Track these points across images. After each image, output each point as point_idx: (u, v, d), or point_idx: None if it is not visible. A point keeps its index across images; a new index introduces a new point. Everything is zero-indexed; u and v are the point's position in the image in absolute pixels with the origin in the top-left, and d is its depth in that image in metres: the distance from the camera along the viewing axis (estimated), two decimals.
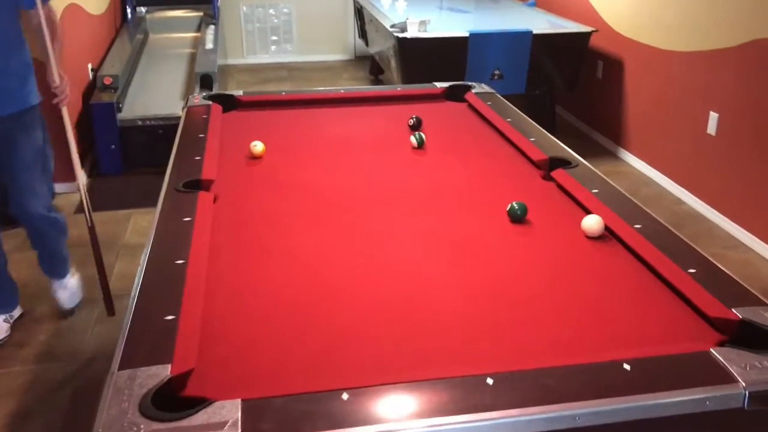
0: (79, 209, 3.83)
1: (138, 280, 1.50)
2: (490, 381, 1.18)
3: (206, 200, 1.92)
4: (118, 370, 1.21)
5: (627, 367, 1.22)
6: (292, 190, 2.06)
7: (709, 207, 3.79)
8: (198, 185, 2.03)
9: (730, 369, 1.20)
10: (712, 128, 3.72)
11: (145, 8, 6.00)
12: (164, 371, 1.19)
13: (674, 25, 4.02)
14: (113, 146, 4.25)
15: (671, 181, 4.13)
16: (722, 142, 3.66)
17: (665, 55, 4.12)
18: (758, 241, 3.42)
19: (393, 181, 2.13)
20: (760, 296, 1.43)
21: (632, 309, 1.46)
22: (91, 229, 2.87)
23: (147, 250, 1.64)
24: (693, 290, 1.47)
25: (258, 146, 2.31)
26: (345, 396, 1.14)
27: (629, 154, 4.60)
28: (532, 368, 1.21)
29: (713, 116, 3.70)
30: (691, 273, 1.52)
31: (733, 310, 1.37)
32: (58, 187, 3.99)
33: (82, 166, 4.22)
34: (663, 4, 4.11)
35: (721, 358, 1.23)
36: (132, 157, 4.31)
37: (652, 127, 4.34)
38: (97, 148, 4.27)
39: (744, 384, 1.17)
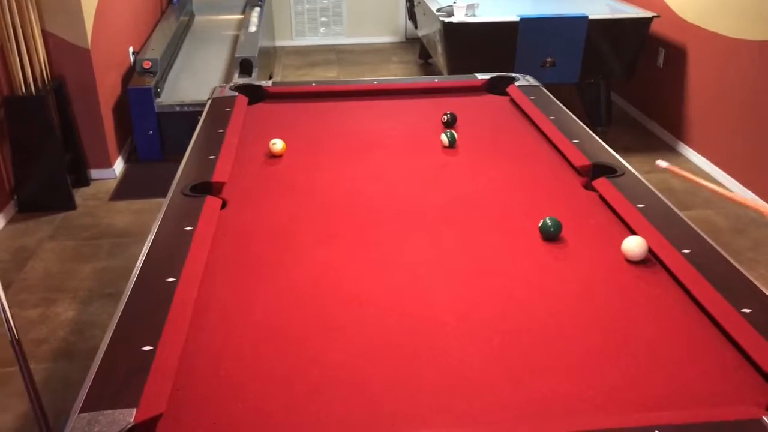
0: (114, 196, 3.79)
1: (122, 302, 1.39)
2: None
3: (213, 207, 1.79)
4: (80, 412, 1.09)
5: None
6: (306, 197, 1.91)
7: None
8: (208, 188, 1.91)
9: None
10: None
11: None
12: (127, 417, 1.07)
13: (745, 12, 3.68)
14: (150, 132, 4.19)
15: (735, 182, 3.82)
16: None
17: (734, 44, 3.79)
18: None
19: (415, 189, 1.95)
20: None
21: (673, 356, 1.26)
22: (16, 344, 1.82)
23: (138, 264, 1.52)
24: (746, 335, 1.26)
25: (277, 145, 2.17)
26: None
27: (689, 149, 4.29)
28: None
29: None
30: (745, 313, 1.31)
31: None
32: (94, 173, 3.97)
33: (120, 152, 4.19)
34: None
35: None
36: (170, 143, 4.23)
37: (716, 122, 4.01)
38: (135, 133, 4.21)
39: None
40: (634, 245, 1.55)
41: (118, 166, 4.10)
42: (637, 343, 1.29)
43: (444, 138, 2.21)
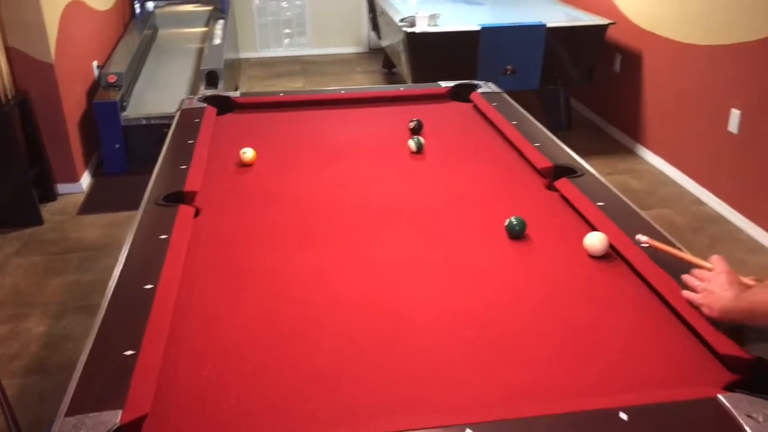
0: (82, 210, 3.78)
1: (101, 309, 1.41)
2: None
3: (186, 215, 1.82)
4: (65, 416, 1.12)
5: (624, 416, 1.09)
6: (278, 203, 1.95)
7: (730, 208, 3.62)
8: (180, 197, 1.94)
9: (740, 420, 1.08)
10: (733, 126, 3.54)
11: (154, 3, 5.92)
12: (114, 418, 1.10)
13: (695, 18, 3.83)
14: (117, 145, 4.18)
15: (691, 181, 3.96)
16: (745, 140, 3.49)
17: (686, 49, 3.94)
18: None
19: (385, 193, 2.01)
20: None
21: (634, 343, 1.33)
22: None
23: (116, 273, 1.54)
24: (703, 322, 1.33)
25: (248, 153, 2.20)
26: None
27: (647, 150, 4.43)
28: (517, 417, 1.10)
29: (735, 113, 3.52)
30: None
31: (746, 347, 1.24)
32: (60, 188, 3.94)
33: (86, 166, 4.17)
34: None
35: (729, 406, 1.10)
36: (137, 156, 4.23)
37: (671, 124, 4.16)
38: (101, 147, 4.20)
39: None
40: (595, 241, 1.62)
41: (85, 180, 4.08)
42: (600, 332, 1.36)
43: (411, 144, 2.27)
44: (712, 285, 1.32)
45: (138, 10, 5.71)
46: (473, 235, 1.76)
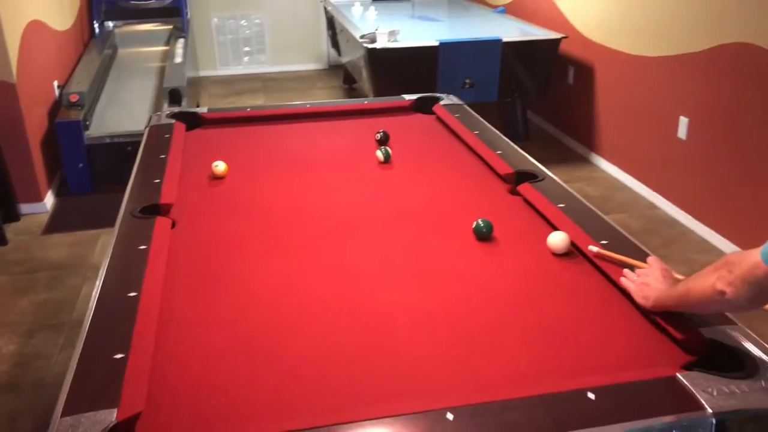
0: (47, 230, 3.76)
1: (88, 316, 1.45)
2: (450, 416, 1.14)
3: (164, 226, 1.86)
4: (61, 416, 1.15)
5: (591, 396, 1.18)
6: (252, 213, 2.01)
7: (681, 211, 3.79)
8: (156, 210, 1.98)
9: (697, 395, 1.17)
10: (682, 133, 3.72)
11: (113, 23, 5.91)
12: (109, 416, 1.14)
13: (642, 31, 4.02)
14: (81, 165, 4.17)
15: (644, 186, 4.13)
16: (693, 146, 3.66)
17: (634, 60, 4.12)
18: (730, 244, 3.42)
19: (356, 201, 2.08)
20: (728, 315, 1.40)
21: (598, 331, 1.42)
22: None
23: (99, 282, 1.58)
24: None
25: (220, 166, 2.26)
26: None
27: (602, 159, 4.60)
28: (493, 400, 1.17)
29: (683, 121, 3.70)
30: None
31: (699, 329, 1.34)
32: (24, 208, 3.92)
33: (50, 185, 4.15)
34: (631, 10, 4.11)
35: (687, 383, 1.20)
36: (101, 175, 4.23)
37: (623, 132, 4.33)
38: (65, 167, 4.18)
39: (711, 411, 1.14)
40: (558, 239, 1.72)
41: (49, 199, 4.06)
42: (566, 322, 1.45)
43: (379, 154, 2.35)
44: (649, 278, 1.45)
45: (97, 30, 5.70)
46: (443, 237, 1.84)
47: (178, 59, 5.04)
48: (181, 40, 5.54)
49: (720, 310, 1.33)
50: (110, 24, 5.89)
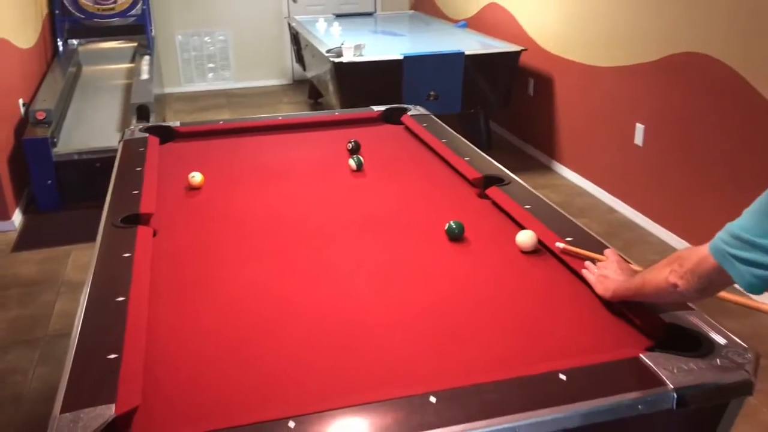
0: (16, 247, 3.74)
1: (78, 320, 1.49)
2: (433, 399, 1.21)
3: (145, 235, 1.91)
4: (60, 413, 1.20)
5: (563, 377, 1.27)
6: (231, 220, 2.07)
7: (640, 214, 3.95)
8: (137, 220, 2.02)
9: (659, 373, 1.27)
10: (638, 139, 3.88)
11: (77, 40, 5.91)
12: (108, 411, 1.19)
13: (598, 42, 4.19)
14: (49, 182, 4.16)
15: (603, 191, 4.28)
16: (649, 152, 3.83)
17: (591, 71, 4.29)
18: (687, 245, 3.58)
19: (332, 207, 2.16)
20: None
21: (566, 320, 1.52)
22: None
23: (86, 289, 1.62)
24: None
25: (196, 177, 2.31)
26: (291, 424, 1.16)
27: (562, 166, 4.75)
28: (472, 384, 1.26)
29: (639, 128, 3.87)
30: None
31: (660, 315, 1.45)
32: None
33: (18, 203, 4.13)
34: (586, 23, 4.28)
35: (650, 363, 1.30)
36: (70, 192, 4.23)
37: (582, 140, 4.49)
38: (33, 184, 4.17)
39: (672, 386, 1.23)
40: (526, 238, 1.82)
41: (17, 217, 4.05)
42: (536, 313, 1.55)
43: (352, 162, 2.43)
44: (607, 271, 1.56)
45: (61, 48, 5.70)
46: (417, 239, 1.92)
47: (145, 76, 5.07)
48: (147, 57, 5.56)
49: (673, 300, 1.43)
50: (74, 42, 5.88)
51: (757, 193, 1.15)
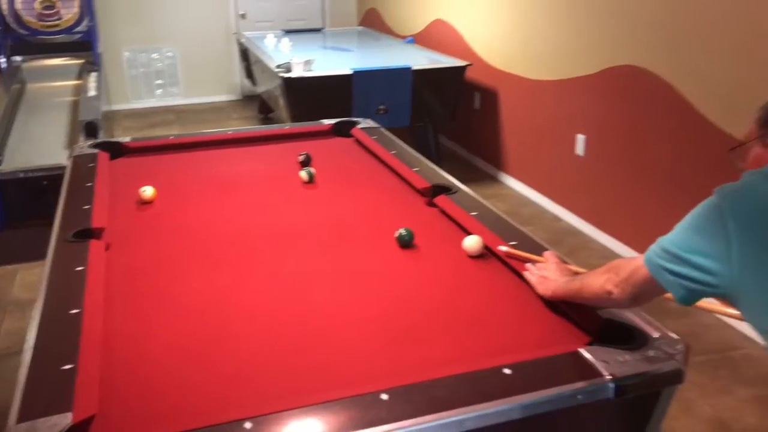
0: None
1: (31, 332, 1.50)
2: (384, 397, 1.27)
3: (98, 249, 1.92)
4: (17, 422, 1.21)
5: (507, 371, 1.34)
6: (185, 233, 2.09)
7: (583, 221, 4.09)
8: (89, 234, 2.03)
9: (597, 365, 1.35)
10: (580, 149, 4.03)
11: (21, 57, 5.81)
12: (65, 420, 1.21)
13: (540, 57, 4.34)
14: None
15: (548, 200, 4.42)
16: (590, 161, 3.97)
17: (534, 84, 4.44)
18: (630, 250, 3.72)
19: (284, 218, 2.20)
20: None
21: (511, 319, 1.59)
22: None
23: (39, 302, 1.63)
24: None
25: (147, 191, 2.32)
26: (248, 425, 1.20)
27: (509, 177, 4.88)
28: (422, 381, 1.31)
29: (580, 138, 4.02)
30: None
31: (598, 312, 1.53)
32: None
33: None
34: (529, 38, 4.43)
35: (588, 356, 1.38)
36: (15, 211, 4.14)
37: (527, 151, 4.63)
38: None
39: (609, 377, 1.31)
40: (472, 243, 1.90)
41: None
42: (483, 314, 1.62)
43: (303, 174, 2.48)
44: (547, 272, 1.65)
45: (4, 65, 5.59)
46: (369, 247, 1.98)
47: (92, 92, 5.02)
48: (94, 74, 5.51)
49: (609, 307, 1.51)
50: (18, 59, 5.78)
51: (693, 198, 1.22)
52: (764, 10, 2.79)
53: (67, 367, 1.36)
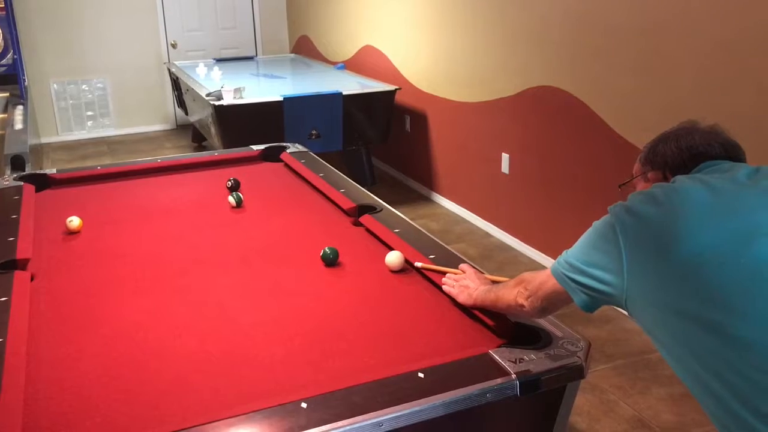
0: None
1: None
2: (304, 405, 1.33)
3: (23, 279, 1.93)
4: None
5: (421, 375, 1.42)
6: (112, 260, 2.11)
7: (511, 237, 4.24)
8: (13, 265, 2.03)
9: (504, 364, 1.44)
10: (505, 167, 4.19)
11: None
12: None
13: (463, 80, 4.51)
14: None
15: (478, 218, 4.57)
16: (514, 178, 4.14)
17: (459, 106, 4.60)
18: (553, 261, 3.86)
19: (212, 242, 2.24)
20: None
21: (428, 328, 1.68)
22: None
23: None
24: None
25: (74, 221, 2.33)
26: None
27: (441, 197, 5.02)
28: (340, 389, 1.38)
29: (505, 157, 4.18)
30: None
31: (508, 317, 1.63)
32: None
33: None
34: (452, 63, 4.60)
35: (497, 357, 1.47)
36: None
37: (457, 171, 4.78)
38: None
39: (515, 375, 1.41)
40: (394, 258, 1.98)
41: None
42: (402, 324, 1.70)
43: (231, 199, 2.53)
44: (467, 281, 1.75)
45: None
46: (295, 266, 2.05)
47: (19, 125, 4.94)
48: (20, 107, 5.42)
49: (522, 317, 1.61)
50: None
51: (606, 209, 1.33)
52: (660, 26, 3.01)
53: None
